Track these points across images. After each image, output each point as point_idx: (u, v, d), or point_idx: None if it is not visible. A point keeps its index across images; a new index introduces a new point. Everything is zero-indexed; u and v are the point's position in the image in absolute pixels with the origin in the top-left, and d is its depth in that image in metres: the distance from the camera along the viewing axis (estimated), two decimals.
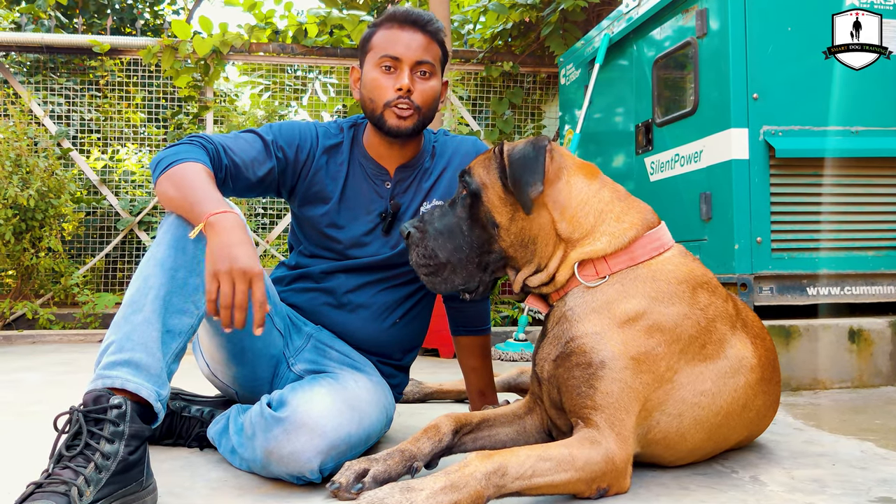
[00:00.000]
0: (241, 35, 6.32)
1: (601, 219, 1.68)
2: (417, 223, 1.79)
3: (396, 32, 1.91)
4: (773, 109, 3.04)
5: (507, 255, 1.73)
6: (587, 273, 1.66)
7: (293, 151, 1.96)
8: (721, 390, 1.64)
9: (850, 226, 3.11)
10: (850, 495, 1.56)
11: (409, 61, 1.89)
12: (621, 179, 3.98)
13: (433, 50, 1.94)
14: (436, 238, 1.75)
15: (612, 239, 1.66)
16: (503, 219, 1.69)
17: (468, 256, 1.74)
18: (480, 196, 1.72)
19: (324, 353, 1.95)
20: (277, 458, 1.59)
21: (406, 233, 1.79)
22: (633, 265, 1.65)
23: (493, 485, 1.37)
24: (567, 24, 6.02)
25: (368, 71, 1.93)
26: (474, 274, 1.76)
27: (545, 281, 1.71)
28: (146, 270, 1.56)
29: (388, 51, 1.90)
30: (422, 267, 1.77)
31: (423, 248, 1.76)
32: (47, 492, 1.27)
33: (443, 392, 2.79)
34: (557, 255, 1.69)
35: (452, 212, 1.77)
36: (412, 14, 1.93)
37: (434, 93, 1.95)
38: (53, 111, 6.45)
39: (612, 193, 1.74)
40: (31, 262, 5.65)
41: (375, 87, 1.91)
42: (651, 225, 1.72)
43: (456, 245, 1.74)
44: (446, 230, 1.75)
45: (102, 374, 1.45)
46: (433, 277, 1.77)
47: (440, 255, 1.74)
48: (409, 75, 1.89)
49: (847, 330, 3.00)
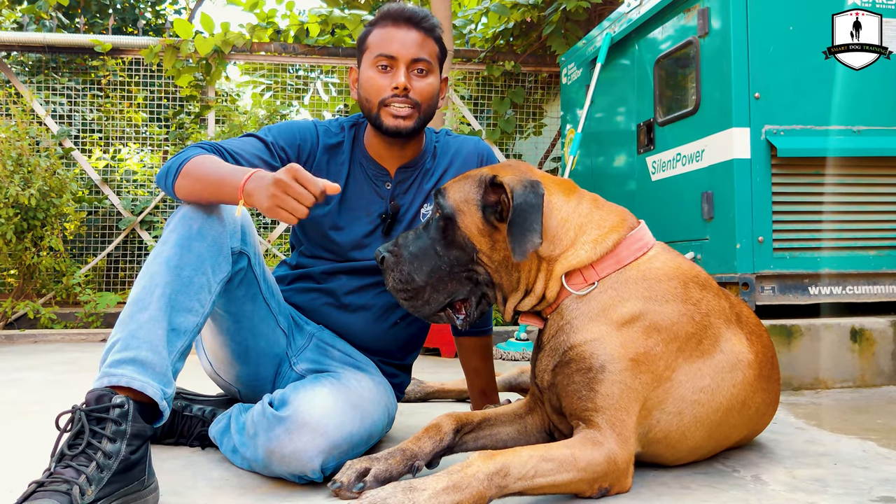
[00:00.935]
0: (243, 34, 6.32)
1: (582, 230, 1.67)
2: (392, 247, 1.74)
3: (391, 31, 1.90)
4: (775, 109, 3.03)
5: (492, 278, 1.69)
6: (576, 282, 1.65)
7: (294, 151, 1.95)
8: (720, 386, 1.64)
9: (852, 225, 3.10)
10: (851, 495, 1.56)
11: (405, 59, 1.88)
12: (623, 179, 3.99)
13: (429, 47, 1.93)
14: (411, 262, 1.70)
15: (595, 245, 1.66)
16: (484, 247, 1.67)
17: (451, 272, 1.69)
18: (455, 220, 1.67)
19: (326, 352, 1.95)
20: (279, 457, 1.59)
21: (380, 257, 1.74)
22: (621, 268, 1.65)
23: (495, 485, 1.37)
24: (569, 24, 6.02)
25: (365, 70, 1.93)
26: (463, 284, 1.71)
27: (536, 303, 1.70)
28: (152, 269, 1.56)
29: (384, 49, 1.89)
30: (400, 292, 1.72)
31: (398, 273, 1.71)
32: (49, 490, 1.28)
33: (444, 391, 2.79)
34: (542, 275, 1.67)
35: (426, 234, 1.72)
36: (406, 11, 1.91)
37: (432, 90, 1.94)
38: (55, 111, 6.46)
39: (590, 204, 1.73)
40: (32, 262, 5.65)
41: (371, 87, 1.90)
42: (632, 226, 1.72)
43: (433, 266, 1.69)
44: (421, 253, 1.70)
45: (108, 372, 1.45)
46: (414, 301, 1.72)
47: (417, 278, 1.69)
48: (406, 73, 1.88)
49: (849, 329, 3.00)
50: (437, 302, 1.71)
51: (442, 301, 1.71)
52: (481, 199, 1.66)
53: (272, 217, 1.48)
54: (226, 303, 1.77)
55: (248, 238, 1.73)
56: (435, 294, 1.70)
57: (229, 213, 1.67)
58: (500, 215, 1.65)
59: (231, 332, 1.83)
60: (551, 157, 6.97)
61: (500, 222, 1.65)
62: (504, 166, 1.74)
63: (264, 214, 1.63)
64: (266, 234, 6.70)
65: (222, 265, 1.64)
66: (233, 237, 1.67)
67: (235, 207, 1.72)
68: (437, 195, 1.71)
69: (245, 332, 1.83)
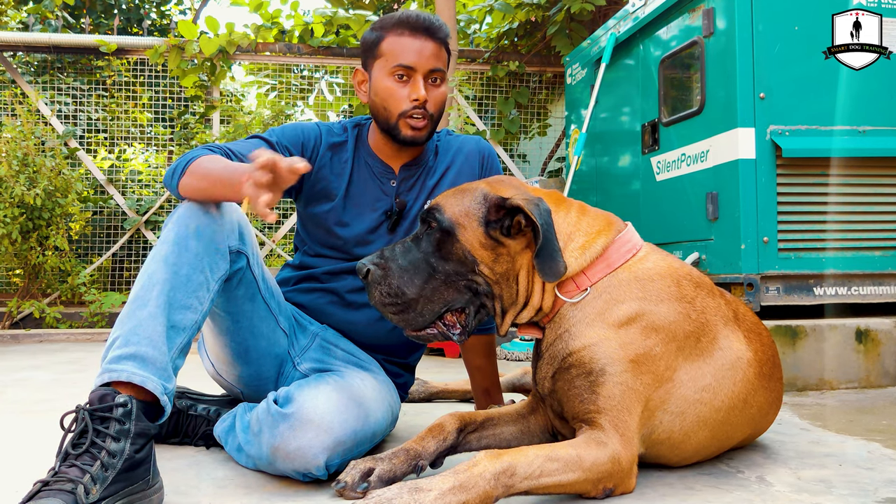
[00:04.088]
0: (248, 35, 6.34)
1: (570, 239, 1.67)
2: (377, 259, 1.67)
3: (409, 40, 1.90)
4: (780, 109, 3.03)
5: (492, 290, 1.67)
6: (568, 290, 1.65)
7: (298, 150, 1.97)
8: (721, 385, 1.64)
9: (857, 226, 3.09)
10: (856, 496, 1.56)
11: (423, 70, 1.89)
12: (627, 179, 3.98)
13: (443, 56, 1.95)
14: (401, 276, 1.64)
15: (583, 252, 1.65)
16: (486, 260, 1.64)
17: (446, 281, 1.65)
18: (454, 234, 1.63)
19: (329, 351, 1.96)
20: (283, 454, 1.59)
21: (365, 270, 1.67)
22: (612, 271, 1.65)
23: (501, 485, 1.37)
24: (573, 24, 6.01)
25: (381, 79, 1.92)
26: (462, 293, 1.66)
27: (533, 315, 1.69)
28: (150, 267, 1.57)
29: (402, 60, 1.89)
30: (388, 306, 1.65)
31: (385, 287, 1.64)
32: (54, 490, 1.28)
33: (448, 391, 2.79)
34: (537, 286, 1.66)
35: (417, 248, 1.67)
36: (424, 21, 1.91)
37: (444, 98, 1.97)
38: (60, 111, 6.48)
39: (577, 212, 1.73)
40: (37, 261, 5.67)
41: (390, 97, 1.90)
42: (619, 229, 1.72)
43: (426, 279, 1.64)
44: (412, 267, 1.65)
45: (109, 368, 1.46)
46: (405, 315, 1.65)
47: (408, 291, 1.63)
48: (424, 84, 1.89)
49: (854, 330, 2.99)
50: (431, 312, 1.65)
51: (437, 311, 1.66)
52: (484, 215, 1.64)
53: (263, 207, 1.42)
54: (225, 302, 1.78)
55: (245, 238, 1.74)
56: (429, 304, 1.65)
57: (227, 213, 1.68)
58: (506, 231, 1.64)
59: (231, 331, 1.84)
60: (555, 157, 6.97)
61: (507, 238, 1.64)
62: (502, 183, 1.71)
63: (206, 266, 1.60)
64: (270, 234, 6.71)
65: (220, 263, 1.64)
66: (230, 236, 1.67)
67: (237, 207, 1.73)
68: (432, 211, 1.67)
69: (245, 332, 1.84)
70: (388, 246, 1.72)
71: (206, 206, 1.64)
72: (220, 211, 1.66)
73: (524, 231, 1.63)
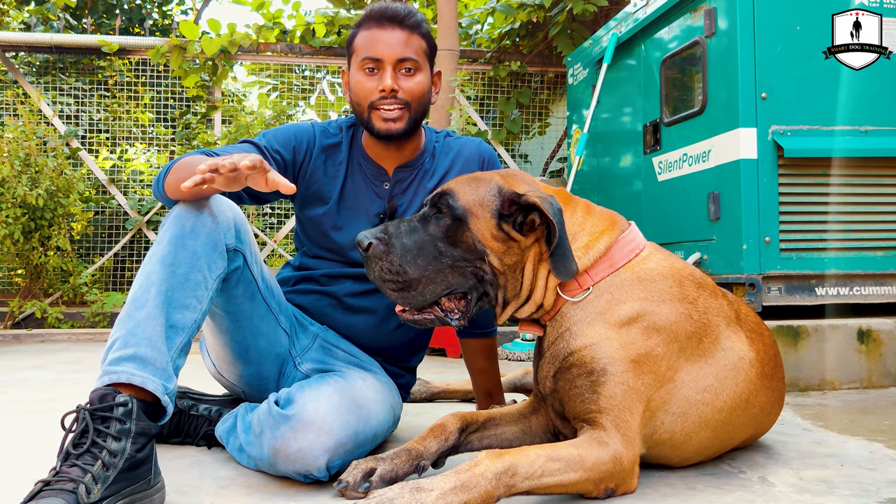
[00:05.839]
0: (250, 35, 6.34)
1: (575, 237, 1.66)
2: (381, 234, 1.65)
3: (375, 32, 1.89)
4: (782, 109, 3.02)
5: (498, 280, 1.65)
6: (570, 289, 1.65)
7: (290, 152, 1.95)
8: (723, 385, 1.64)
9: (859, 226, 3.09)
10: (858, 496, 1.55)
11: (391, 60, 1.87)
12: (629, 179, 3.98)
13: (415, 44, 1.91)
14: (404, 255, 1.62)
15: (586, 251, 1.65)
16: (496, 251, 1.63)
17: (453, 265, 1.63)
18: (466, 222, 1.62)
19: (330, 352, 1.96)
20: (285, 455, 1.59)
21: (366, 243, 1.63)
22: (615, 271, 1.65)
23: (503, 484, 1.37)
24: (575, 24, 6.01)
25: (353, 74, 1.92)
26: (467, 278, 1.64)
27: (534, 311, 1.69)
28: (148, 268, 1.57)
29: (369, 52, 1.87)
30: (388, 282, 1.63)
31: (387, 263, 1.62)
32: (55, 489, 1.28)
33: (450, 392, 2.79)
34: (540, 283, 1.66)
35: (423, 229, 1.66)
36: (389, 10, 1.89)
37: (422, 88, 1.92)
38: (62, 111, 6.49)
39: (583, 211, 1.73)
40: (39, 261, 5.68)
41: (360, 90, 1.89)
42: (623, 228, 1.72)
43: (430, 261, 1.62)
44: (416, 247, 1.63)
45: (108, 370, 1.46)
46: (405, 293, 1.63)
47: (410, 271, 1.62)
48: (393, 74, 1.86)
49: (856, 330, 2.99)
50: (432, 293, 1.63)
51: (439, 292, 1.64)
52: (498, 208, 1.63)
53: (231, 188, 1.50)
54: (224, 302, 1.78)
55: (242, 236, 1.73)
56: (431, 286, 1.63)
57: (223, 212, 1.67)
58: (518, 227, 1.64)
59: (231, 331, 1.84)
60: (557, 157, 6.97)
61: (519, 234, 1.64)
62: (514, 178, 1.70)
63: (204, 265, 1.61)
64: (272, 234, 6.71)
65: (217, 262, 1.64)
66: (227, 234, 1.67)
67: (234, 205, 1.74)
68: (444, 195, 1.66)
69: (245, 332, 1.84)
70: (392, 221, 1.70)
71: (201, 205, 1.64)
72: (216, 210, 1.66)
73: (536, 228, 1.63)
